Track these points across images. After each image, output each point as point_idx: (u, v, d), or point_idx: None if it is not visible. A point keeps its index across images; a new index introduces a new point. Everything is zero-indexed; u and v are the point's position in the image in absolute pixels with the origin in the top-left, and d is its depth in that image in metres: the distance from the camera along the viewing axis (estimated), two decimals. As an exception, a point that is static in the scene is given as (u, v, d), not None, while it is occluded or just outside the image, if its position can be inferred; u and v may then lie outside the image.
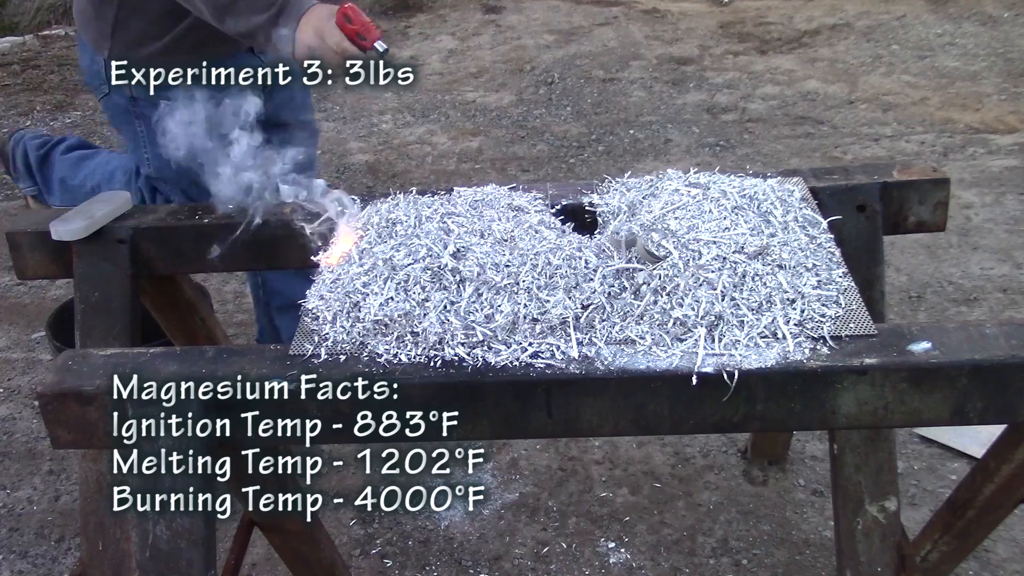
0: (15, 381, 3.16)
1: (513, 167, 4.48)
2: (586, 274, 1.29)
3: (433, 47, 6.26)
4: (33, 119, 5.48)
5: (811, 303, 1.25)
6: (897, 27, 5.76)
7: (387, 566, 2.30)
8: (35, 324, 3.47)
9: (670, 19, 6.41)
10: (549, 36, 6.26)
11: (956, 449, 2.50)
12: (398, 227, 1.43)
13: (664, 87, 5.29)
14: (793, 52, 5.61)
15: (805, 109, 4.83)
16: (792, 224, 1.40)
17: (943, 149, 4.23)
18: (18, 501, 2.60)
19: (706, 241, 1.30)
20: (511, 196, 1.57)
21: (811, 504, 2.39)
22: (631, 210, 1.49)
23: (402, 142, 4.88)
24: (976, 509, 1.52)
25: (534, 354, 1.21)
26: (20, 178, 2.94)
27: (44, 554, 2.42)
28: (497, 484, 2.52)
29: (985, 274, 3.30)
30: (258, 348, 1.32)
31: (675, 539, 2.31)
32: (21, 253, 1.73)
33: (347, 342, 1.27)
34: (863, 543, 1.65)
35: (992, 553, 2.18)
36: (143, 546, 1.25)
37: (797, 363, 1.17)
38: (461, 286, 1.27)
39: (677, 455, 2.58)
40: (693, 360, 1.18)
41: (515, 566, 2.27)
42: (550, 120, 5.01)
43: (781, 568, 2.21)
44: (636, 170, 4.22)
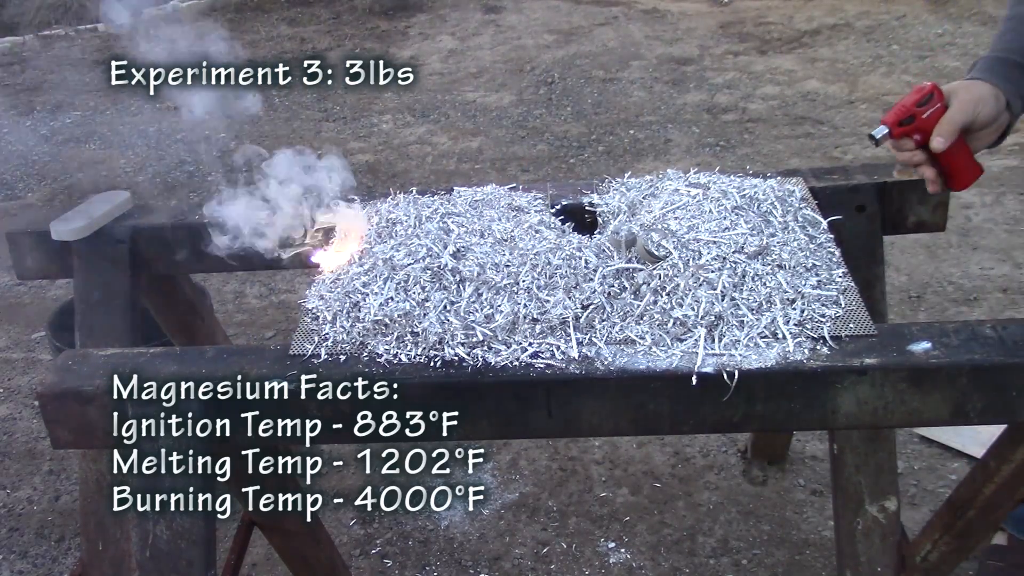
0: (15, 381, 3.16)
1: (513, 167, 4.48)
2: (586, 274, 1.29)
3: (433, 47, 6.26)
4: (33, 119, 5.48)
5: (811, 303, 1.25)
6: (897, 27, 5.76)
7: (387, 566, 2.30)
8: (35, 324, 3.47)
9: (670, 19, 6.41)
10: (549, 36, 6.26)
11: (956, 449, 2.50)
12: (398, 227, 1.43)
13: (664, 87, 5.29)
14: (793, 52, 5.61)
15: (805, 109, 4.83)
16: (792, 224, 1.40)
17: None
18: (18, 501, 2.60)
19: (706, 241, 1.30)
20: (511, 196, 1.57)
21: (811, 504, 2.39)
22: (631, 210, 1.49)
23: (402, 142, 4.88)
24: (976, 509, 1.52)
25: (534, 354, 1.21)
26: None
27: (44, 554, 2.42)
28: (497, 484, 2.52)
29: (985, 274, 3.30)
30: (258, 348, 1.32)
31: (675, 539, 2.31)
32: (21, 253, 1.73)
33: (347, 342, 1.27)
34: (863, 543, 1.65)
35: (992, 553, 2.17)
36: (143, 546, 1.25)
37: (797, 363, 1.17)
38: (461, 286, 1.27)
39: (677, 455, 2.58)
40: (693, 360, 1.18)
41: (515, 566, 2.27)
42: (550, 120, 5.01)
43: (781, 568, 2.21)
44: (636, 170, 4.22)
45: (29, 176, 4.80)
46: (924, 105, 1.29)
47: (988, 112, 1.27)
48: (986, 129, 1.29)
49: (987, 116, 1.28)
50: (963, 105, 1.27)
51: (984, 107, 1.27)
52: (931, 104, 1.29)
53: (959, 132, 1.28)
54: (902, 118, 1.30)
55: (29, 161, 4.96)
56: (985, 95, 1.27)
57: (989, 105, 1.27)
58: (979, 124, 1.29)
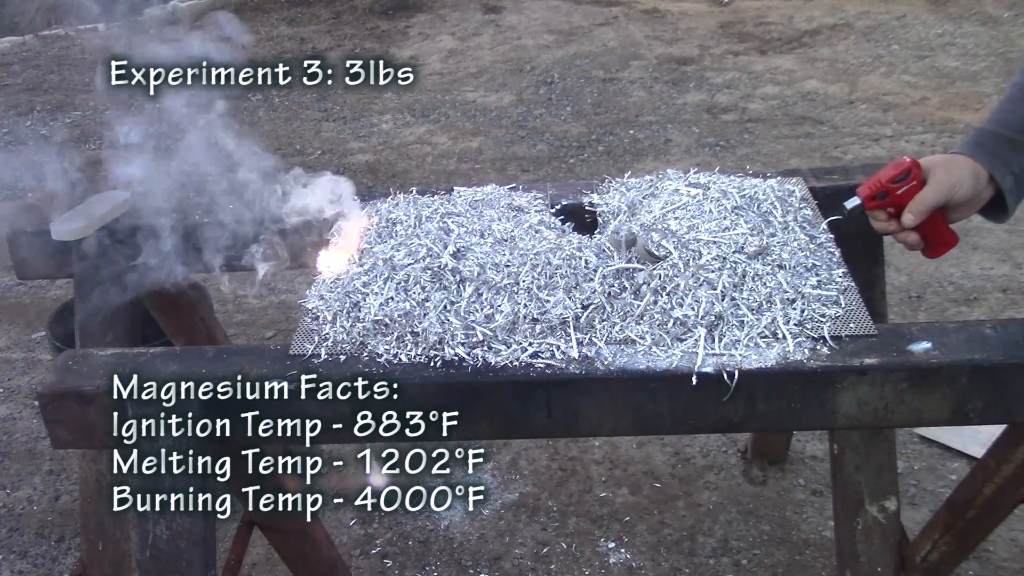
0: (15, 381, 3.16)
1: (513, 167, 4.48)
2: (586, 274, 1.29)
3: (433, 47, 6.26)
4: (33, 119, 5.48)
5: (811, 303, 1.25)
6: (897, 27, 5.76)
7: (387, 566, 2.30)
8: (35, 324, 3.47)
9: (670, 19, 6.41)
10: (549, 36, 6.26)
11: (956, 449, 2.50)
12: (398, 227, 1.43)
13: (664, 87, 5.29)
14: (793, 52, 5.61)
15: (805, 109, 4.83)
16: (792, 224, 1.40)
17: (943, 149, 4.23)
18: (18, 501, 2.60)
19: (706, 241, 1.30)
20: (511, 196, 1.57)
21: (811, 504, 2.39)
22: (631, 210, 1.49)
23: (402, 142, 4.88)
24: (976, 509, 1.52)
25: (534, 354, 1.21)
26: None
27: (44, 554, 2.42)
28: (497, 484, 2.52)
29: (985, 274, 3.30)
30: (258, 348, 1.32)
31: (675, 539, 2.31)
32: (21, 253, 1.73)
33: (347, 342, 1.27)
34: (863, 543, 1.65)
35: (992, 553, 2.18)
36: (143, 546, 1.25)
37: (797, 363, 1.17)
38: (461, 286, 1.27)
39: (677, 455, 2.58)
40: (693, 360, 1.18)
41: (515, 566, 2.27)
42: (550, 120, 5.01)
43: (781, 568, 2.21)
44: (636, 170, 4.22)
45: (29, 176, 4.79)
46: (899, 182, 1.28)
47: (965, 193, 1.25)
48: (964, 205, 1.28)
49: (964, 196, 1.26)
50: (939, 186, 1.26)
51: (961, 188, 1.25)
52: (907, 181, 1.28)
53: (931, 212, 1.27)
54: (875, 193, 1.30)
55: (29, 161, 4.95)
56: (964, 175, 1.25)
57: (966, 185, 1.25)
58: (955, 203, 1.27)
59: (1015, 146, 1.25)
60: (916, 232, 1.31)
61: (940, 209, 1.28)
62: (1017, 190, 1.26)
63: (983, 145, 1.27)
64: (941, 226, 1.31)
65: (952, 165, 1.27)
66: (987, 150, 1.26)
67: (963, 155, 1.27)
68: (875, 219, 1.33)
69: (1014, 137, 1.25)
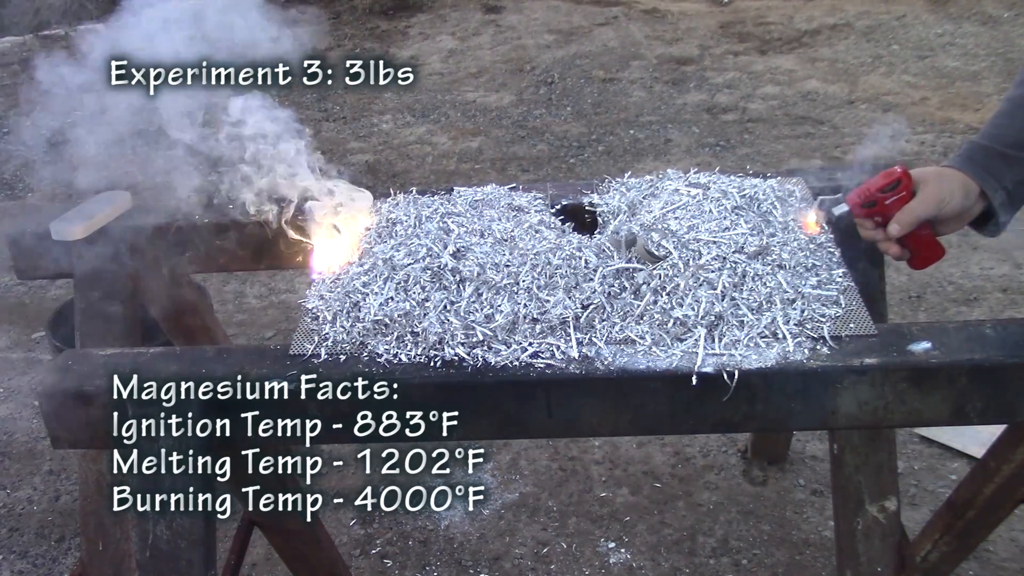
0: (15, 381, 3.16)
1: (513, 167, 4.48)
2: (586, 274, 1.29)
3: (433, 47, 6.26)
4: (33, 119, 5.47)
5: (811, 303, 1.25)
6: (897, 27, 5.76)
7: (387, 566, 2.30)
8: (35, 324, 3.47)
9: (670, 19, 6.41)
10: (549, 36, 6.26)
11: (956, 449, 2.50)
12: (398, 227, 1.43)
13: (664, 87, 5.29)
14: (793, 52, 5.61)
15: (805, 109, 4.83)
16: (792, 224, 1.40)
17: (943, 149, 4.23)
18: (18, 501, 2.60)
19: (706, 241, 1.30)
20: (511, 196, 1.57)
21: (811, 504, 2.39)
22: (631, 210, 1.49)
23: (402, 142, 4.88)
24: (976, 509, 1.52)
25: (534, 354, 1.21)
26: None
27: (44, 554, 2.42)
28: (497, 484, 2.52)
29: (985, 274, 3.30)
30: (258, 348, 1.32)
31: (675, 539, 2.31)
32: (21, 253, 1.73)
33: (347, 342, 1.27)
34: (863, 543, 1.65)
35: (992, 553, 2.18)
36: (143, 546, 1.25)
37: (797, 363, 1.17)
38: (461, 286, 1.27)
39: (677, 455, 2.58)
40: (693, 360, 1.18)
41: (515, 566, 2.27)
42: (550, 120, 5.01)
43: (781, 568, 2.21)
44: (636, 170, 4.22)
45: (29, 176, 4.80)
46: (889, 192, 1.28)
47: (954, 207, 1.25)
48: (952, 219, 1.28)
49: (952, 210, 1.26)
50: (927, 199, 1.25)
51: (950, 202, 1.25)
52: (896, 192, 1.27)
53: (918, 224, 1.27)
54: (864, 201, 1.30)
55: (29, 161, 4.95)
56: (954, 189, 1.25)
57: (956, 199, 1.25)
58: (943, 217, 1.27)
59: (1008, 161, 1.24)
60: (901, 243, 1.31)
61: (928, 222, 1.27)
62: (1010, 205, 1.26)
63: (975, 160, 1.26)
64: (928, 238, 1.31)
65: (943, 178, 1.26)
66: (979, 164, 1.26)
67: (954, 169, 1.27)
68: (862, 227, 1.33)
69: (1007, 152, 1.24)
